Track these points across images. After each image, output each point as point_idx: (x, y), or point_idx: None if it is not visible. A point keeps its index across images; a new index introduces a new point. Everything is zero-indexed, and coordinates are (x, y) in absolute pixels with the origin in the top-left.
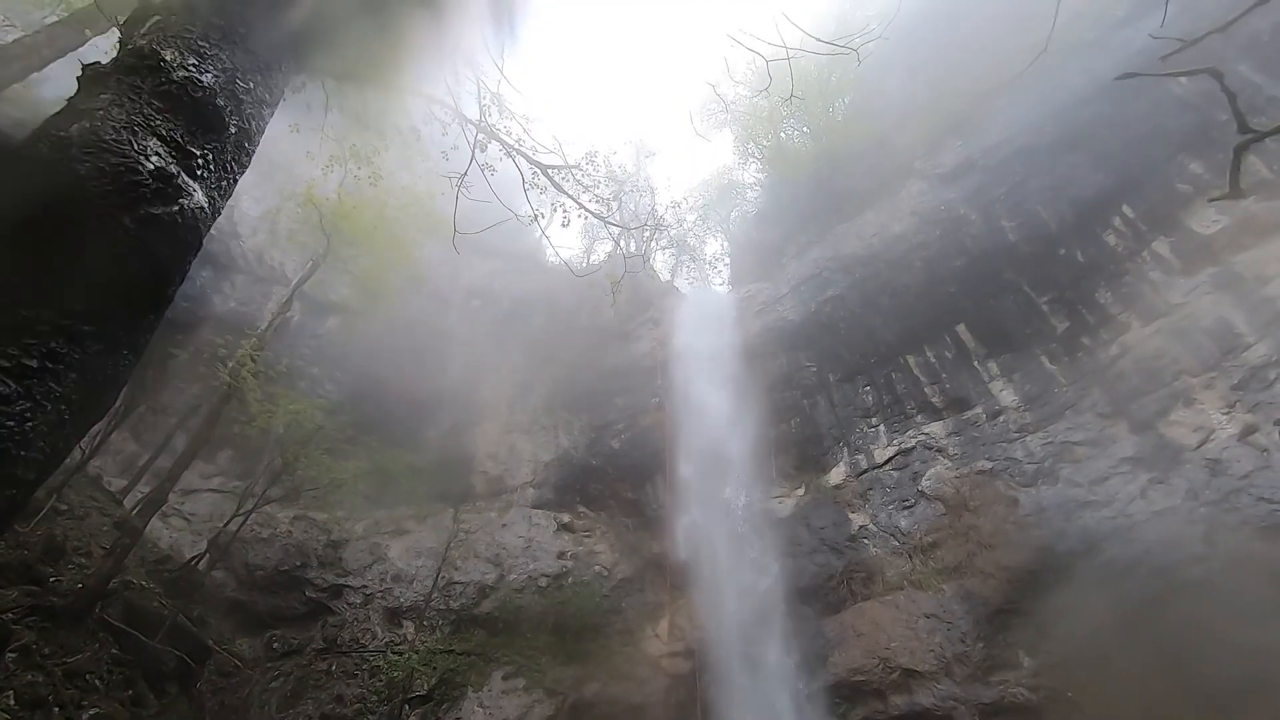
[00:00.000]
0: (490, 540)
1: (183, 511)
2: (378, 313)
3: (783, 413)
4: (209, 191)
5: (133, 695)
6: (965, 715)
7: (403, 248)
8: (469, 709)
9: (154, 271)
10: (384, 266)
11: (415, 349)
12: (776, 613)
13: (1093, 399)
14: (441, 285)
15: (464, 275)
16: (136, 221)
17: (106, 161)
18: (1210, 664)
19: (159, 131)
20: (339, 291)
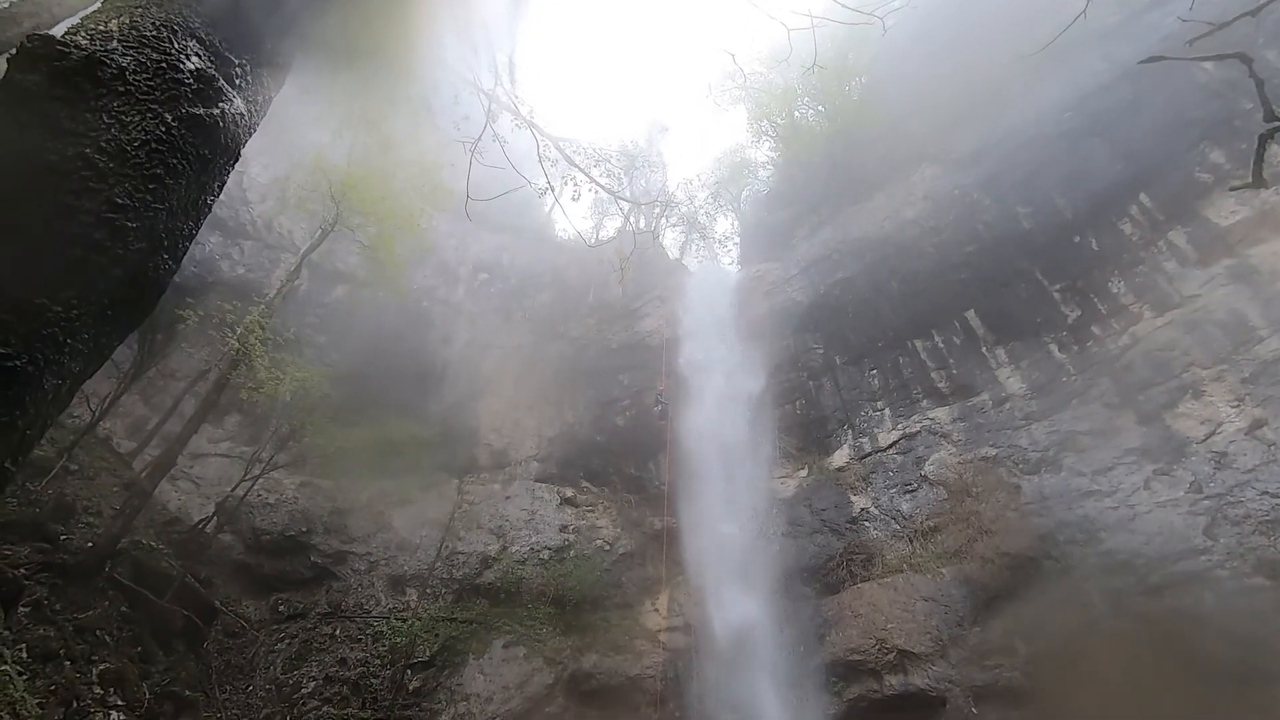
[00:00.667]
0: (493, 512)
1: (191, 475)
2: (385, 284)
3: (788, 394)
4: (248, 102)
5: (141, 652)
6: (959, 697)
7: (411, 218)
8: (470, 675)
9: (195, 173)
10: (392, 237)
11: (422, 321)
12: (775, 592)
13: (1100, 389)
14: (449, 258)
15: (472, 249)
16: (179, 120)
17: (148, 56)
18: (1207, 656)
19: (198, 34)
20: (347, 261)
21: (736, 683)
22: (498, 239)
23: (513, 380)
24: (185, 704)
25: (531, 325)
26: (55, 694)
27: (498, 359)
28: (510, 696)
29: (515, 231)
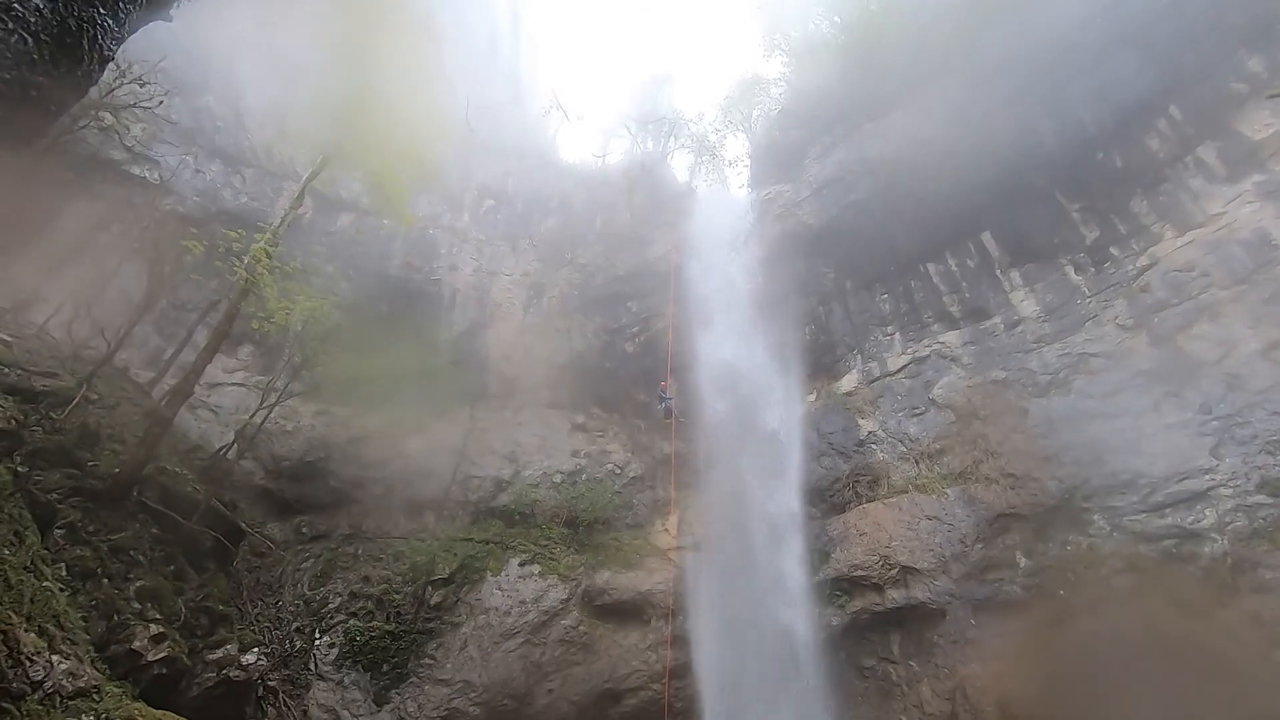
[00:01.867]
0: (506, 438)
1: (209, 404)
2: (390, 212)
3: (798, 319)
4: None
5: (174, 570)
6: (959, 609)
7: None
8: (488, 591)
9: None
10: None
11: (428, 249)
12: (782, 512)
13: (1115, 311)
14: (453, 185)
15: (476, 175)
16: None
17: None
18: (1203, 569)
19: None
20: (350, 189)
21: (743, 597)
22: (503, 164)
23: (521, 308)
24: (220, 618)
25: (539, 252)
26: (96, 609)
27: (506, 286)
28: (527, 610)
29: (520, 156)
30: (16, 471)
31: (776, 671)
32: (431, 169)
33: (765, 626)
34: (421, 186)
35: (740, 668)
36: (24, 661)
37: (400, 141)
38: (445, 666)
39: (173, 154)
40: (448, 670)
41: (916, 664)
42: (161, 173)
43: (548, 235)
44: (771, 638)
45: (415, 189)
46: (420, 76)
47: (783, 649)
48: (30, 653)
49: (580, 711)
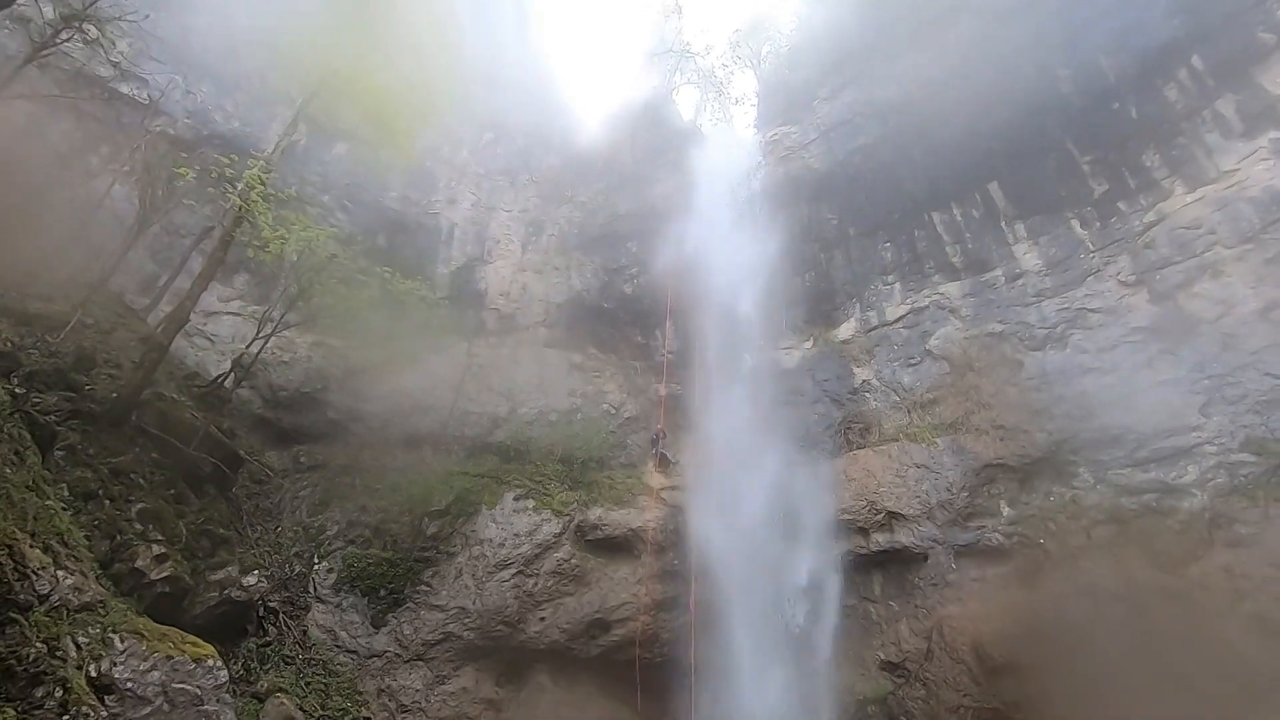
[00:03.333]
0: (503, 375)
1: (205, 332)
2: (387, 142)
3: (798, 265)
4: None
5: (175, 494)
6: (941, 554)
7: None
8: (483, 523)
9: None
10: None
11: (426, 182)
12: (773, 456)
13: (1117, 267)
14: (452, 117)
15: (476, 107)
16: None
17: None
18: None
19: None
20: (347, 118)
21: (732, 536)
22: (504, 97)
23: (520, 244)
24: (220, 541)
25: (539, 188)
26: (99, 528)
27: (504, 222)
28: (521, 542)
29: (522, 89)
30: (14, 393)
31: (763, 606)
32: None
33: (754, 564)
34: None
35: (728, 602)
36: (30, 575)
37: (399, 70)
38: (441, 593)
39: (162, 72)
40: (443, 597)
41: (896, 604)
42: (150, 92)
43: (548, 172)
44: (759, 575)
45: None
46: (419, 4)
47: (770, 585)
48: (36, 567)
49: (571, 638)
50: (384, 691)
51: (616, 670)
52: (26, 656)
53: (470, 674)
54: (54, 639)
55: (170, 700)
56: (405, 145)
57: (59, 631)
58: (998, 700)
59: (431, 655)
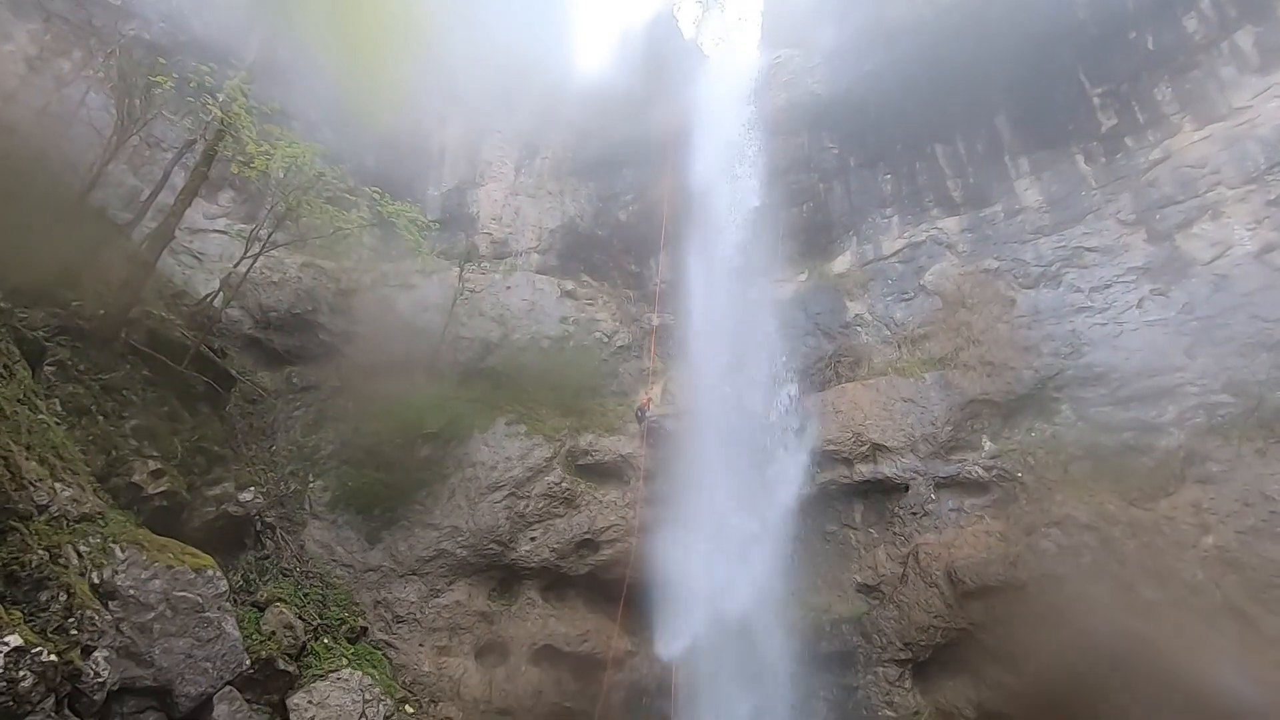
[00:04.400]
0: (495, 301)
1: (192, 250)
2: (375, 59)
3: (796, 196)
4: None
5: (168, 411)
6: (921, 485)
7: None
8: (475, 446)
9: None
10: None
11: (417, 100)
12: (761, 387)
13: (1118, 205)
14: (443, 33)
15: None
16: None
17: None
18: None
19: None
20: (331, 32)
21: (719, 462)
22: (499, 14)
23: (513, 167)
24: (216, 458)
25: (533, 110)
26: (94, 443)
27: (497, 145)
28: (512, 466)
29: (519, 4)
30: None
31: (748, 531)
32: (419, 14)
33: (739, 491)
34: (409, 36)
35: (714, 526)
36: (27, 486)
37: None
38: (434, 513)
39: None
40: (436, 516)
41: (875, 531)
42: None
43: (543, 93)
44: (745, 502)
45: (403, 34)
46: None
47: (755, 512)
48: (33, 479)
49: (560, 557)
50: (380, 603)
51: (604, 587)
52: (29, 563)
53: (464, 588)
54: (55, 547)
55: (172, 607)
56: (393, 64)
57: (60, 540)
58: (966, 621)
59: (426, 570)
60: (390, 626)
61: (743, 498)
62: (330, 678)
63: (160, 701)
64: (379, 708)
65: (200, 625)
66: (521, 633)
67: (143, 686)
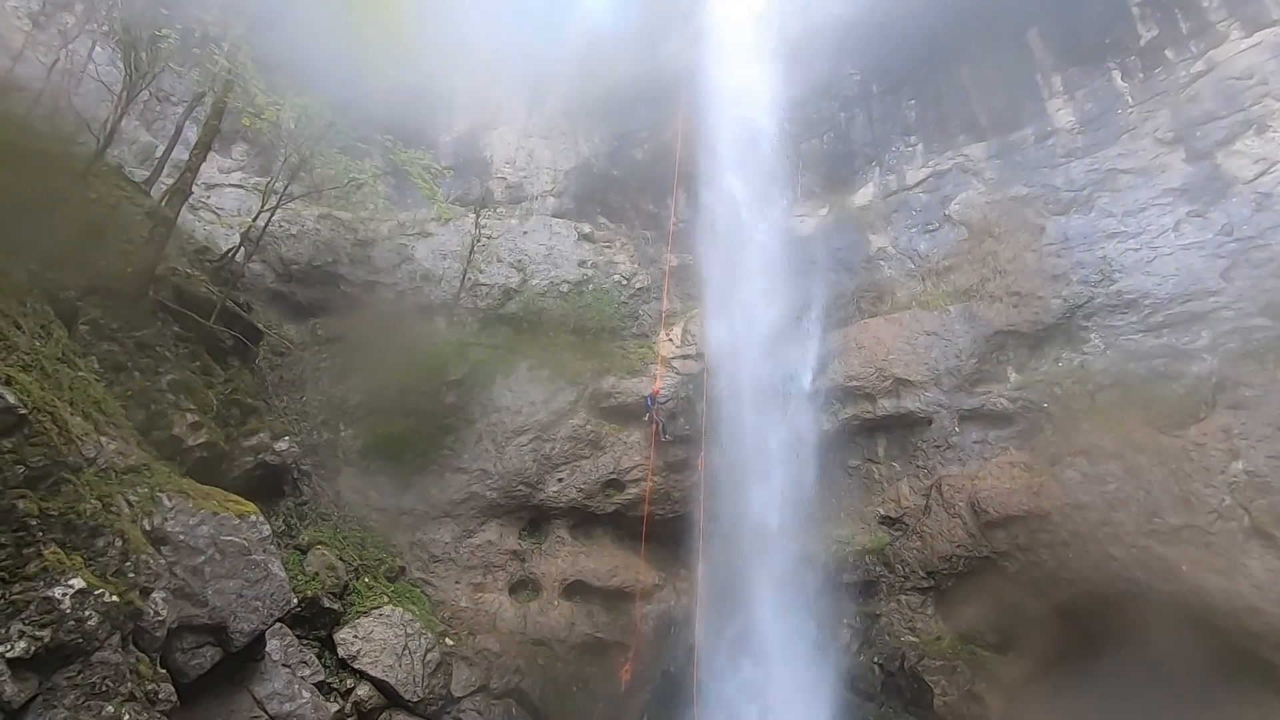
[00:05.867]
0: (512, 246)
1: (210, 205)
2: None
3: (816, 126)
4: None
5: (201, 366)
6: (945, 418)
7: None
8: (499, 392)
9: None
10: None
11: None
12: (783, 324)
13: (1156, 123)
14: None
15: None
16: None
17: None
18: (1187, 388)
19: None
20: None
21: (742, 402)
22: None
23: (525, 110)
24: (250, 410)
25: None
26: (133, 398)
27: (507, 86)
28: (536, 410)
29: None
30: (29, 269)
31: (771, 467)
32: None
33: (763, 427)
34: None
35: (738, 463)
36: (74, 440)
37: None
38: (463, 457)
39: None
40: (465, 460)
41: (899, 465)
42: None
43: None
44: (769, 438)
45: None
46: None
47: (779, 448)
48: (79, 433)
49: (587, 497)
50: (416, 544)
51: (630, 524)
52: (84, 512)
53: (495, 528)
54: (106, 496)
55: (220, 550)
56: (399, 7)
57: (110, 490)
58: (989, 550)
59: (458, 512)
60: (427, 566)
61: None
62: (373, 614)
63: (216, 638)
64: (421, 640)
65: (248, 567)
66: (552, 569)
67: (199, 624)
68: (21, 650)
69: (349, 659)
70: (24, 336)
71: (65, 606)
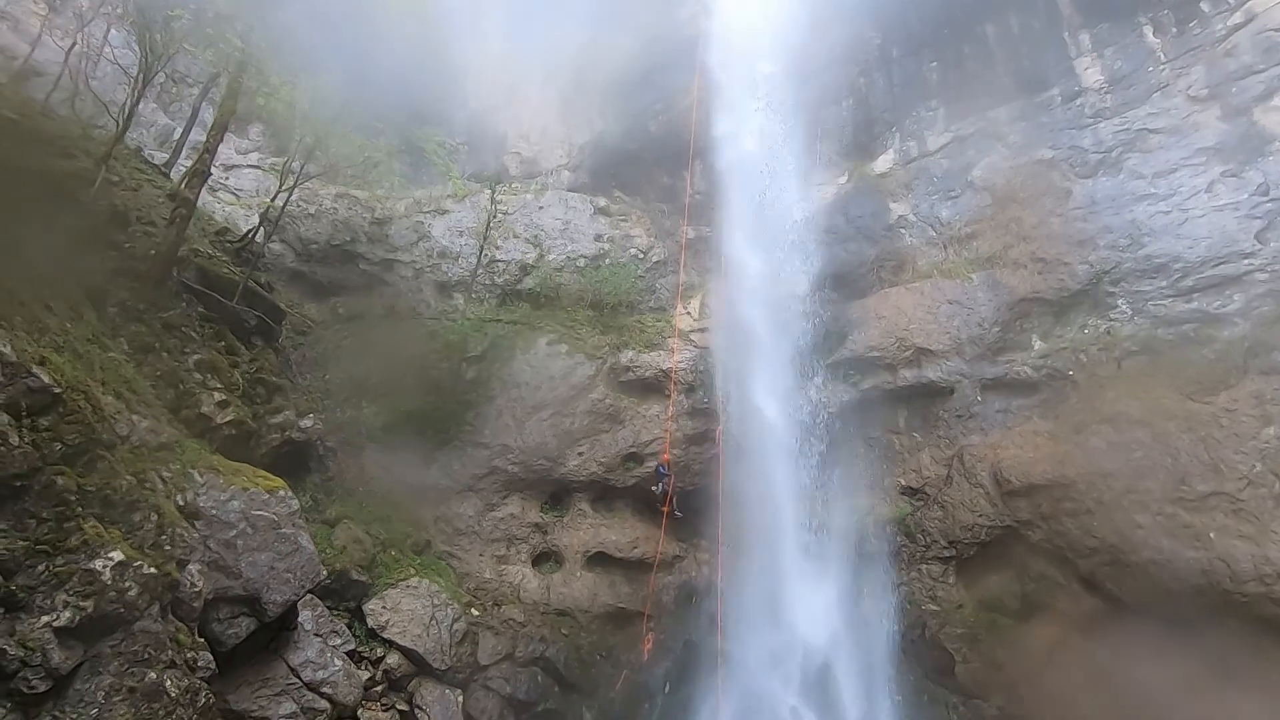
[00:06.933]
0: (528, 222)
1: (229, 186)
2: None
3: (834, 93)
4: None
5: (226, 346)
6: (967, 387)
7: None
8: (519, 367)
9: None
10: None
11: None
12: (802, 295)
13: (1189, 80)
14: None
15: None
16: None
17: None
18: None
19: None
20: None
21: (760, 374)
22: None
23: (538, 84)
24: (275, 388)
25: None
26: (162, 379)
27: (520, 61)
28: (556, 385)
29: None
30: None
31: (791, 439)
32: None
33: (783, 399)
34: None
35: (757, 435)
36: (108, 418)
37: None
38: (484, 433)
39: None
40: (486, 436)
41: (920, 435)
42: None
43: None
44: (789, 410)
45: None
46: None
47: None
48: (111, 412)
49: (607, 470)
50: (440, 518)
51: (651, 497)
52: (120, 487)
53: (517, 502)
54: (140, 472)
55: (251, 524)
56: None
57: (143, 466)
58: (1011, 519)
59: (480, 486)
60: (451, 539)
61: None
62: (400, 586)
63: (250, 608)
64: (447, 611)
65: (278, 540)
66: (574, 541)
67: (234, 595)
68: (67, 619)
69: (378, 629)
70: (55, 318)
71: (106, 578)
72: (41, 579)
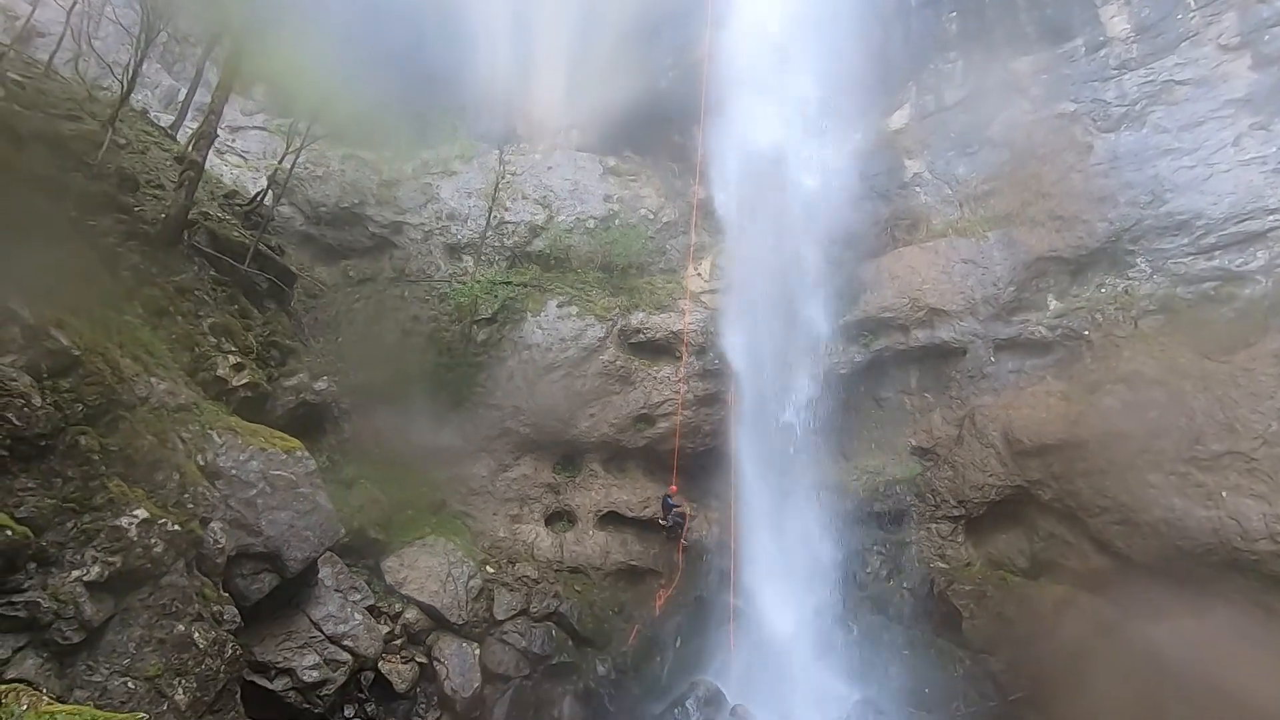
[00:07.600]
0: (537, 183)
1: (236, 148)
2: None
3: (849, 46)
4: None
5: (239, 309)
6: (980, 348)
7: None
8: (529, 329)
9: None
10: None
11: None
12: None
13: (1220, 27)
14: None
15: None
16: None
17: None
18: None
19: None
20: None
21: (772, 334)
22: None
23: (546, 41)
24: (289, 351)
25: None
26: (177, 342)
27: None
28: (567, 347)
29: None
30: (70, 216)
31: (802, 398)
32: None
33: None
34: None
35: (769, 396)
36: (127, 380)
37: None
38: (496, 394)
39: None
40: (498, 397)
41: (931, 395)
42: None
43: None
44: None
45: None
46: None
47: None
48: (130, 374)
49: (619, 431)
50: (454, 479)
51: (662, 458)
52: (142, 447)
53: (530, 462)
54: (161, 433)
55: (270, 484)
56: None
57: (164, 427)
58: (1022, 479)
59: (493, 447)
60: (466, 499)
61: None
62: (416, 544)
63: (272, 564)
64: (463, 568)
65: (297, 499)
66: (587, 501)
67: (256, 552)
68: (96, 574)
69: (396, 585)
70: (71, 282)
71: (132, 535)
72: (70, 535)
